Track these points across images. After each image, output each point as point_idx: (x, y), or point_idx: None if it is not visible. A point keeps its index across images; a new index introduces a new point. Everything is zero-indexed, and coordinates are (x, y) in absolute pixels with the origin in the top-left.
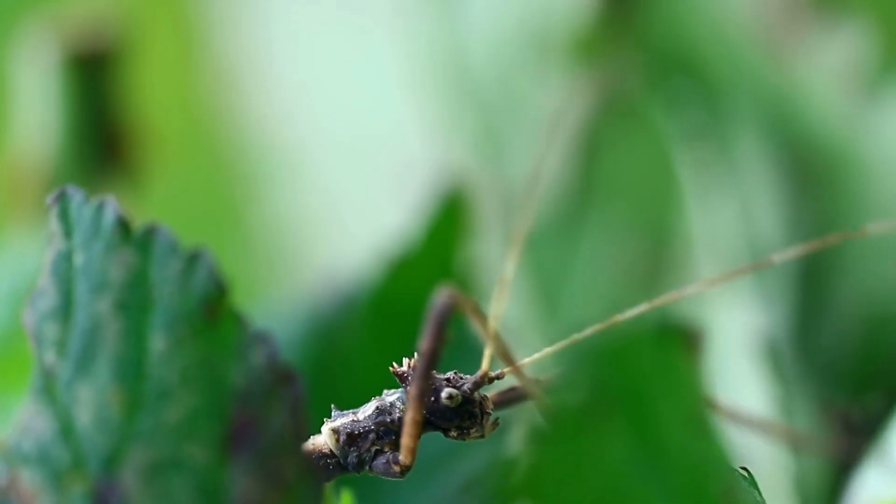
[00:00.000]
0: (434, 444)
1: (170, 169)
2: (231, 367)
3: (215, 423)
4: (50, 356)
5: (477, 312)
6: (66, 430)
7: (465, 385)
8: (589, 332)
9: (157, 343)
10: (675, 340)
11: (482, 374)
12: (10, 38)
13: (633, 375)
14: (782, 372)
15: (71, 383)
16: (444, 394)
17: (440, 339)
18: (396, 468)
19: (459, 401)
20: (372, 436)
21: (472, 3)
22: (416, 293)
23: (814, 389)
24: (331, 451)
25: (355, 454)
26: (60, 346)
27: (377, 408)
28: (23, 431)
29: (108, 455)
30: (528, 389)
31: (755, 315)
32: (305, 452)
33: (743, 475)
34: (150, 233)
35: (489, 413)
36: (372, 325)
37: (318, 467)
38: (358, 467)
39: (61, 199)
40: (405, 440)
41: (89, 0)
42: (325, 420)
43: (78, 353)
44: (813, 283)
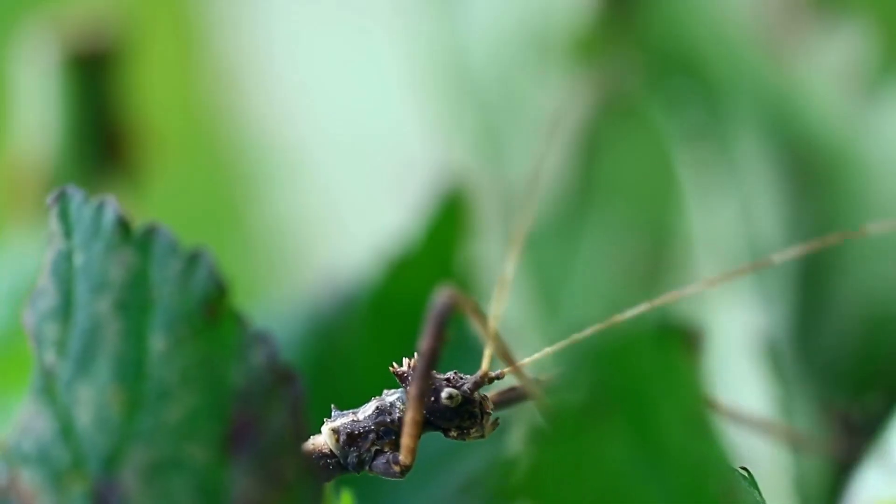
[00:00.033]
0: (434, 444)
1: (170, 169)
2: (231, 367)
3: (215, 423)
4: (50, 356)
5: (477, 312)
6: (66, 430)
7: (466, 385)
8: (589, 332)
9: (157, 343)
10: (674, 340)
11: (482, 374)
12: (10, 38)
13: (632, 375)
14: (782, 372)
15: (71, 383)
16: (444, 394)
17: (440, 338)
18: (396, 468)
19: (459, 401)
20: (372, 436)
21: (472, 3)
22: (416, 293)
23: (814, 389)
24: (331, 451)
25: (355, 454)
26: (60, 346)
27: (377, 408)
28: (23, 431)
29: (108, 455)
30: (528, 389)
31: (755, 315)
32: (305, 452)
33: (743, 475)
34: (150, 233)
35: (489, 413)
36: (372, 325)
37: (319, 467)
38: (358, 467)
39: (61, 199)
40: (405, 440)
41: (89, 0)
42: (325, 420)
43: (78, 353)
44: (813, 283)
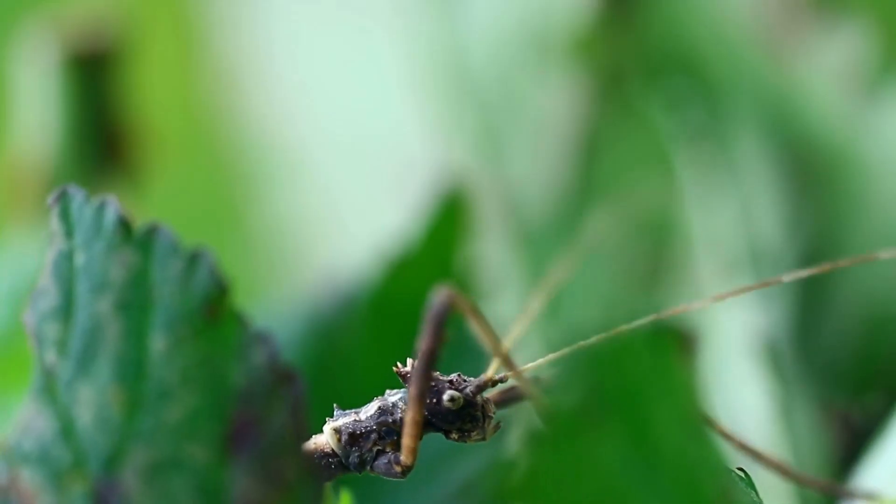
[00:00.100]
0: (434, 446)
1: (170, 169)
2: (232, 367)
3: (216, 423)
4: (51, 356)
5: (475, 312)
6: (66, 430)
7: (468, 388)
8: (594, 339)
9: (157, 343)
10: (669, 343)
11: (486, 377)
12: (10, 38)
13: (628, 378)
14: (782, 372)
15: (71, 383)
16: (445, 396)
17: (439, 338)
18: (398, 468)
19: (461, 403)
20: (374, 436)
21: (472, 3)
22: (416, 293)
23: (814, 389)
24: (332, 450)
25: (357, 454)
26: (61, 346)
27: (379, 408)
28: (23, 431)
29: (109, 455)
30: (526, 390)
31: (755, 315)
32: (307, 452)
33: (740, 476)
34: (151, 233)
35: (491, 416)
36: (372, 325)
37: (320, 467)
38: (359, 467)
39: (62, 198)
40: (406, 440)
41: (89, 0)
42: (326, 419)
43: (79, 353)
44: (813, 283)
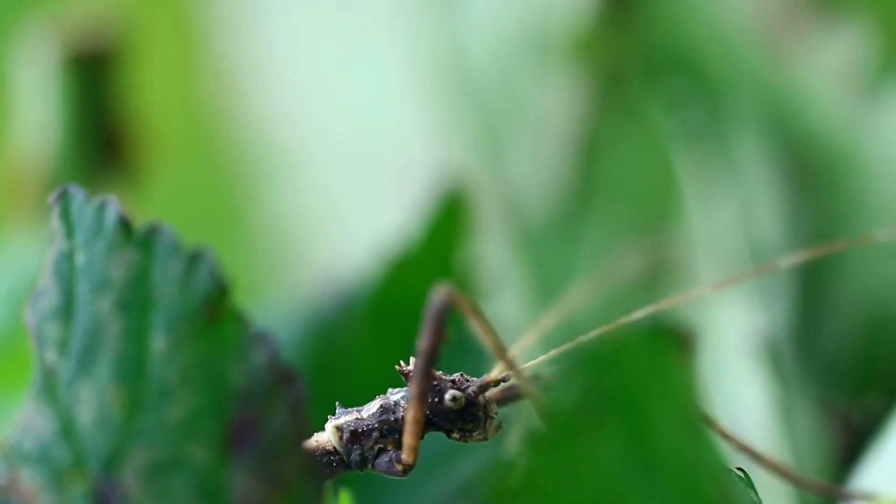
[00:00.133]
0: (434, 445)
1: (170, 169)
2: (232, 367)
3: (216, 423)
4: (51, 356)
5: (475, 311)
6: (66, 430)
7: (471, 388)
8: (595, 333)
9: (158, 343)
10: (667, 342)
11: (489, 378)
12: (10, 38)
13: (626, 377)
14: (782, 372)
15: (72, 383)
16: (447, 395)
17: (439, 337)
18: (399, 467)
19: (463, 403)
20: (375, 434)
21: (472, 3)
22: (416, 293)
23: (814, 389)
24: (334, 448)
25: (358, 452)
26: (62, 346)
27: (381, 406)
28: (23, 431)
29: (109, 455)
30: (526, 389)
31: (755, 315)
32: (308, 449)
33: (739, 476)
34: (151, 232)
35: (493, 416)
36: (372, 325)
37: (321, 464)
38: (361, 465)
39: (63, 198)
40: (407, 439)
41: (89, 0)
42: (328, 417)
43: (79, 353)
44: (813, 282)
